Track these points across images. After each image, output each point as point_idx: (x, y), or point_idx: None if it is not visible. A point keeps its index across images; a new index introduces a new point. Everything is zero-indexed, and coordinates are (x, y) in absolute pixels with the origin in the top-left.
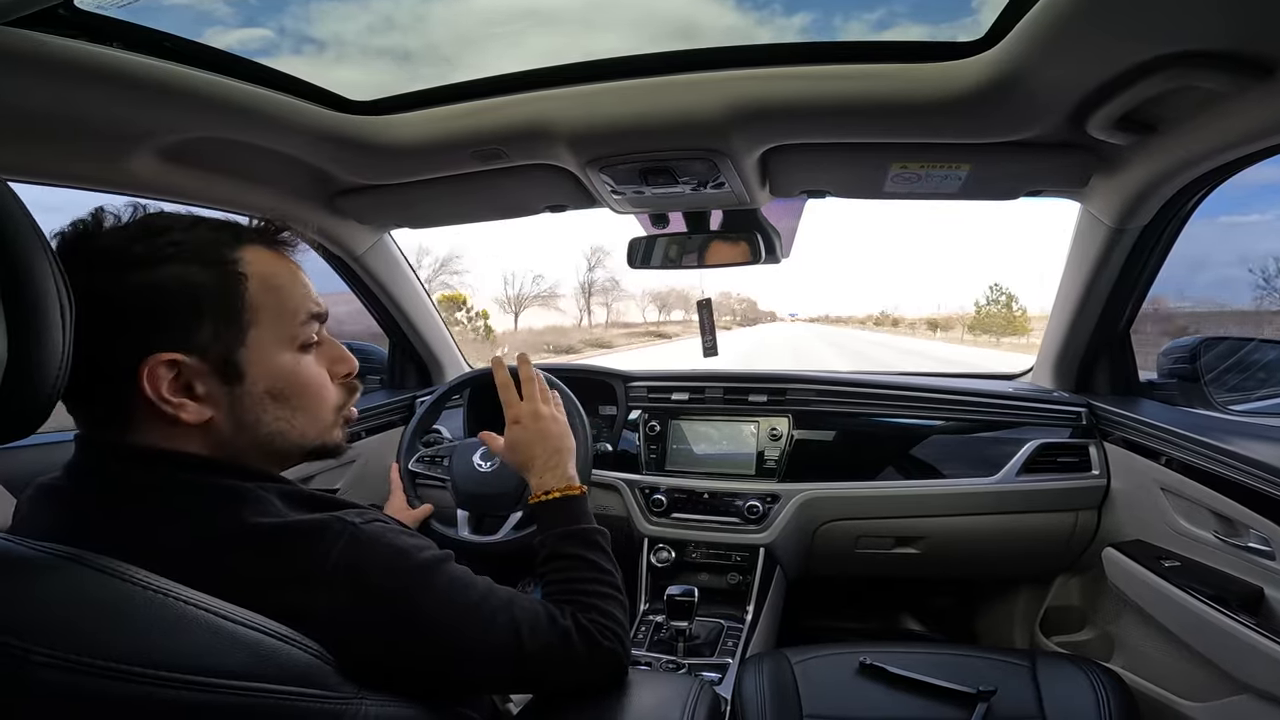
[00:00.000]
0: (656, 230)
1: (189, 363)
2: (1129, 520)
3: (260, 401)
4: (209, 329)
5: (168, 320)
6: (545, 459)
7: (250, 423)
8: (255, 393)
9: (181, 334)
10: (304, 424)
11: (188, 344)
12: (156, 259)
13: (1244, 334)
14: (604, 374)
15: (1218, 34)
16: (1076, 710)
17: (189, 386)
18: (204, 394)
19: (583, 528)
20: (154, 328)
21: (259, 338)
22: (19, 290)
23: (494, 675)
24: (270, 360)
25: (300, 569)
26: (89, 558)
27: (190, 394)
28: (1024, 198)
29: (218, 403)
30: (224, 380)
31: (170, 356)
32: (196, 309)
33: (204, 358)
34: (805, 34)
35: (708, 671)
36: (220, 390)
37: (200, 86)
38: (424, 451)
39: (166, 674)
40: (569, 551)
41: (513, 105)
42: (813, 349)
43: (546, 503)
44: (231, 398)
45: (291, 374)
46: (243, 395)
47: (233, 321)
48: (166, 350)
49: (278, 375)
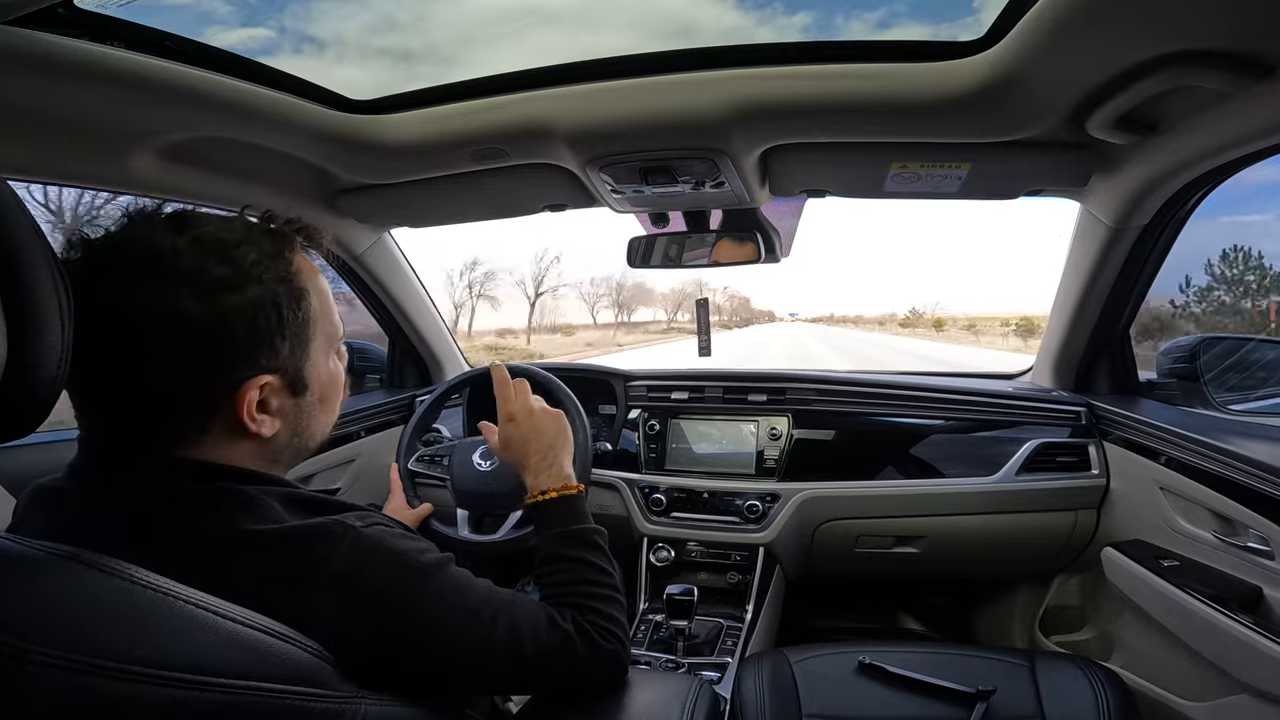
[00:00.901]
0: (656, 230)
1: (273, 382)
2: (1128, 520)
3: (313, 408)
4: (286, 347)
5: (258, 342)
6: (540, 456)
7: (301, 430)
8: (311, 401)
9: (269, 354)
10: (330, 423)
11: (273, 363)
12: (241, 281)
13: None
14: (604, 373)
15: (1217, 34)
16: (1075, 709)
17: (264, 402)
18: (276, 408)
19: (581, 528)
20: (248, 349)
21: (316, 350)
22: (18, 290)
23: (494, 677)
24: (322, 369)
25: (302, 573)
26: (89, 557)
27: (265, 409)
28: (1024, 197)
29: (285, 415)
30: (292, 394)
31: (264, 380)
32: (280, 329)
33: (283, 375)
34: (806, 33)
35: (707, 671)
36: (289, 404)
37: (201, 86)
38: (423, 451)
39: (166, 673)
40: (568, 553)
41: (513, 104)
42: (813, 353)
43: (543, 503)
44: (296, 409)
45: (333, 379)
46: (303, 405)
47: (302, 338)
48: (261, 372)
49: (326, 382)
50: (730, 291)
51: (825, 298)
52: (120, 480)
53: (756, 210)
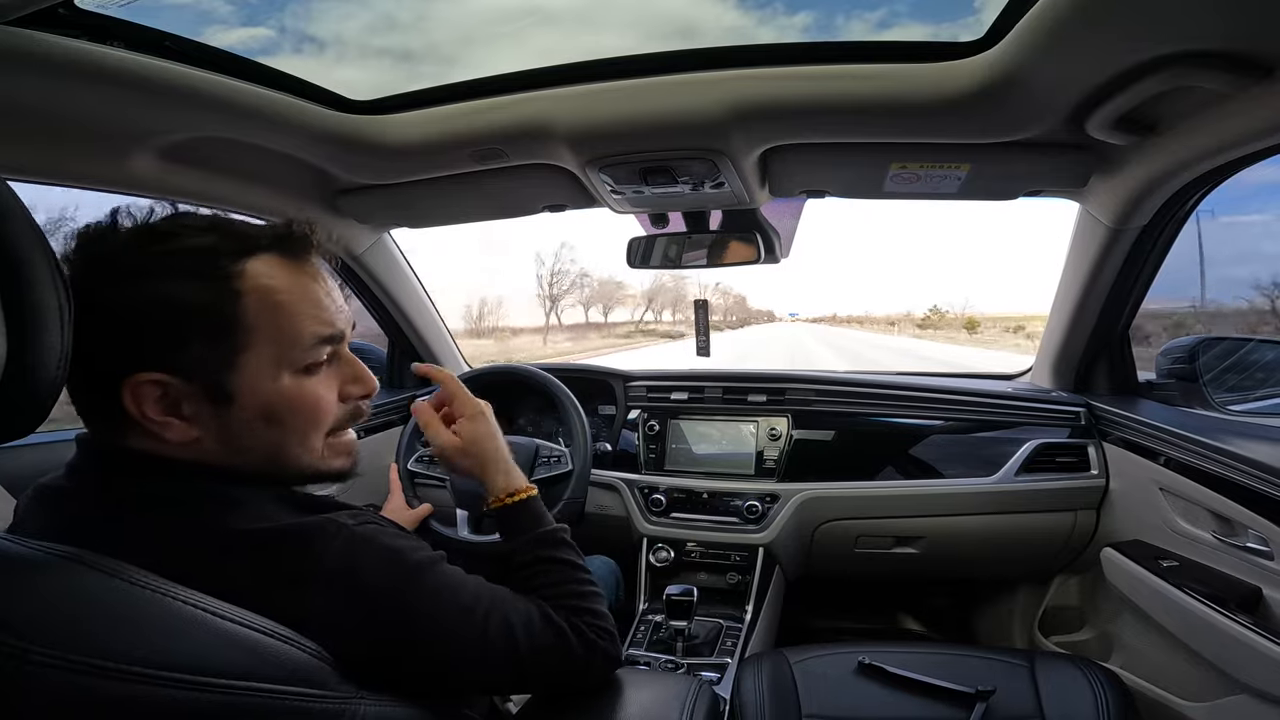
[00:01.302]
0: (656, 230)
1: (174, 383)
2: (1127, 520)
3: (251, 425)
4: (196, 350)
5: (152, 339)
6: (500, 457)
7: (240, 445)
8: (245, 417)
9: (167, 353)
10: (297, 449)
11: (173, 364)
12: (145, 272)
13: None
14: (603, 373)
15: (1217, 34)
16: (1075, 710)
17: (176, 405)
18: (191, 414)
19: (551, 529)
20: (139, 345)
21: (253, 360)
22: (18, 290)
23: (490, 674)
24: (264, 384)
25: (295, 572)
26: (88, 557)
27: (177, 413)
28: (1023, 198)
29: (205, 424)
30: (212, 402)
31: (153, 377)
32: (183, 329)
33: (190, 380)
34: (806, 33)
35: (707, 671)
36: (208, 411)
37: (201, 86)
38: (423, 451)
39: (165, 673)
40: (545, 555)
41: (513, 105)
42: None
43: (512, 506)
44: (219, 420)
45: (289, 398)
46: (231, 419)
47: (221, 344)
48: (151, 369)
49: (272, 399)
50: (722, 288)
51: (829, 296)
52: (112, 477)
53: (756, 211)
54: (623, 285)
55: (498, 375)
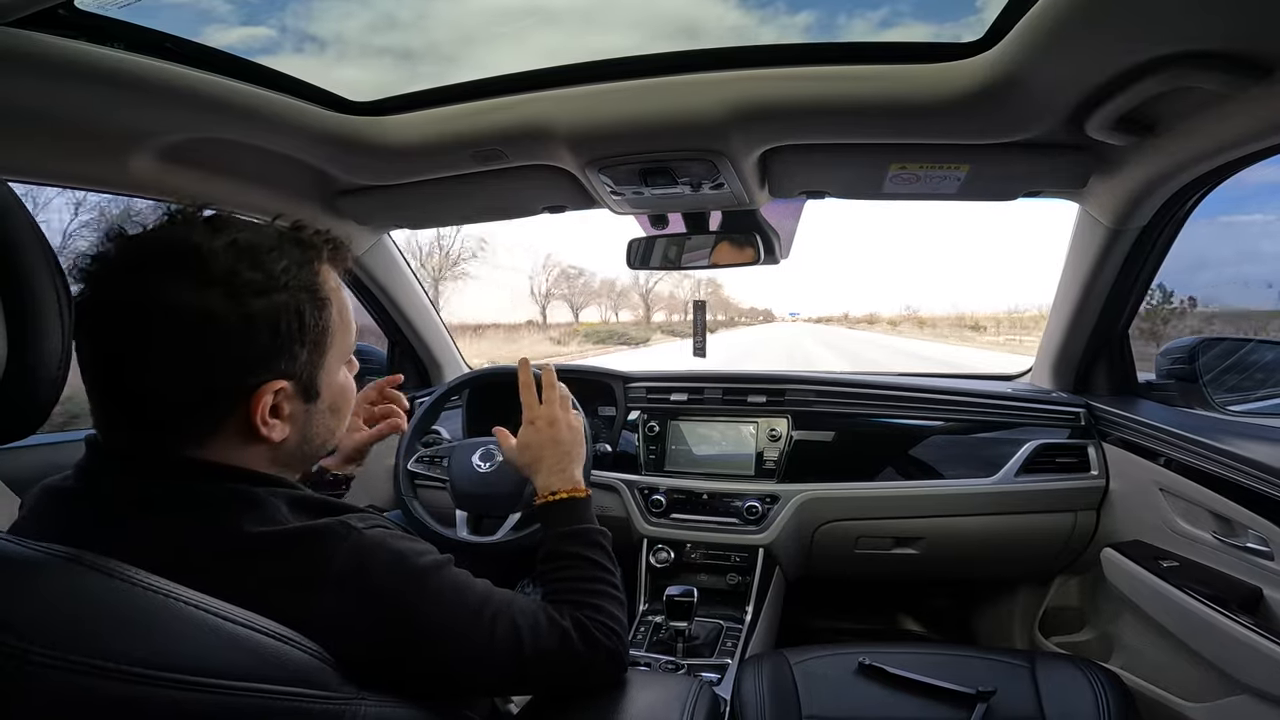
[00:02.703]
0: (656, 231)
1: (286, 388)
2: (1128, 521)
3: (323, 416)
4: (304, 354)
5: (279, 347)
6: (554, 462)
7: (311, 436)
8: (322, 409)
9: (288, 360)
10: (339, 432)
11: (290, 369)
12: (270, 286)
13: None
14: (603, 374)
15: (1216, 34)
16: (1076, 710)
17: (277, 407)
18: (288, 414)
19: (585, 527)
20: (268, 354)
21: (331, 359)
22: (18, 291)
23: (495, 677)
24: (334, 379)
25: (304, 573)
26: (89, 558)
27: (277, 414)
28: (1022, 198)
29: (296, 421)
30: (305, 400)
31: (279, 385)
32: (300, 336)
33: (297, 381)
34: (808, 33)
35: (707, 672)
36: (300, 410)
37: (200, 87)
38: (423, 452)
39: (166, 674)
40: (570, 550)
41: (512, 106)
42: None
43: (552, 503)
44: (306, 416)
45: (345, 389)
46: (314, 413)
47: (319, 347)
48: (277, 377)
49: (338, 392)
50: (713, 284)
51: (832, 295)
52: (131, 481)
53: (756, 212)
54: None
55: (498, 375)
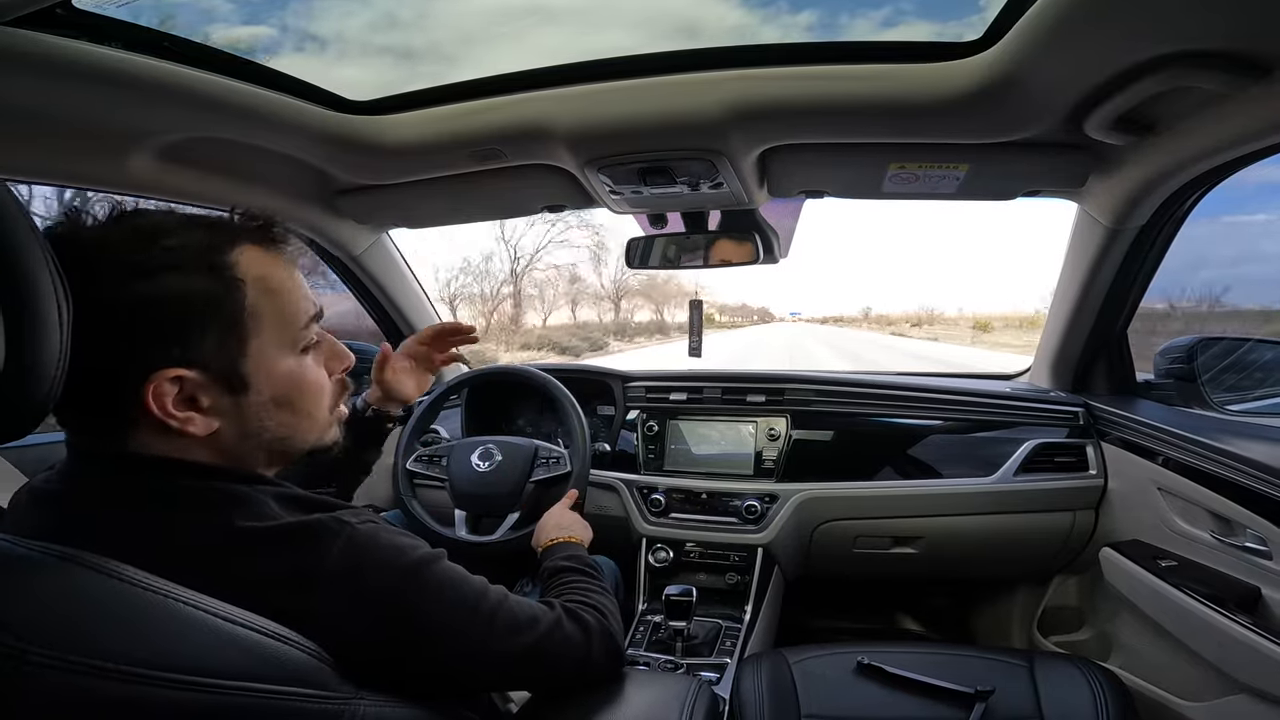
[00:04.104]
0: (655, 230)
1: (192, 377)
2: (1126, 520)
3: (265, 409)
4: (211, 341)
5: (170, 333)
6: (560, 529)
7: (255, 430)
8: (260, 401)
9: (184, 347)
10: (306, 427)
11: (190, 358)
12: (155, 267)
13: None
14: (602, 374)
15: (1215, 34)
16: (1074, 710)
17: (193, 399)
18: (209, 406)
19: (580, 554)
20: (156, 341)
21: (261, 345)
22: (17, 291)
23: (493, 672)
24: (274, 367)
25: (297, 570)
26: (86, 558)
27: (195, 406)
28: (1022, 198)
29: (224, 413)
30: (229, 391)
31: (175, 373)
32: (198, 321)
33: (207, 371)
34: (811, 32)
35: (706, 671)
36: (225, 401)
37: (199, 86)
38: (422, 451)
39: (163, 674)
40: (564, 565)
41: (511, 105)
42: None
43: (551, 546)
44: (237, 408)
45: (295, 379)
46: (248, 404)
47: (232, 332)
48: (170, 365)
49: (282, 381)
50: (697, 281)
51: (846, 292)
52: (118, 480)
53: (755, 211)
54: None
55: (497, 375)
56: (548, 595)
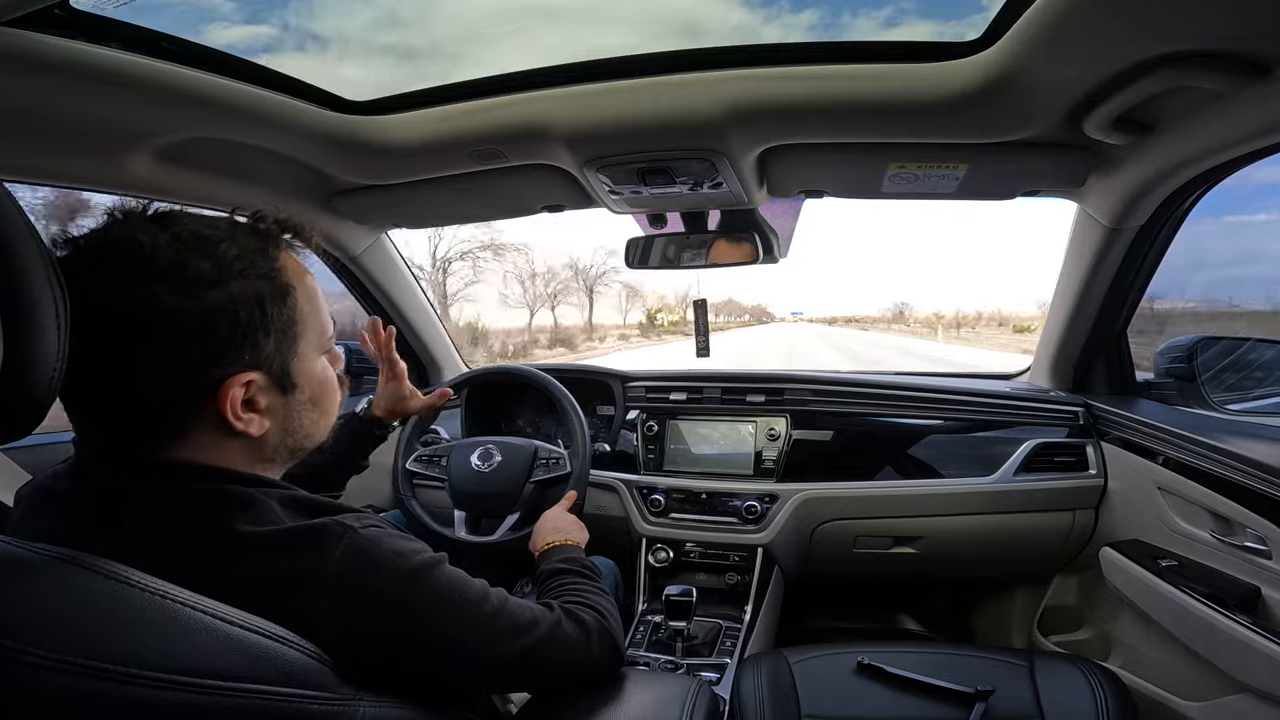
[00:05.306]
0: (654, 230)
1: (257, 380)
2: (1126, 520)
3: (304, 408)
4: (272, 343)
5: (241, 338)
6: (556, 533)
7: (293, 429)
8: (301, 400)
9: (252, 350)
10: (324, 425)
11: (257, 360)
12: (225, 275)
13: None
14: (602, 374)
15: (1215, 34)
16: (1074, 710)
17: (252, 401)
18: (265, 407)
19: (577, 556)
20: (230, 346)
21: (304, 348)
22: (14, 292)
23: (494, 673)
24: (311, 368)
25: (301, 574)
26: (86, 559)
27: (254, 408)
28: (1021, 197)
29: (275, 414)
30: (281, 392)
31: (247, 377)
32: (264, 324)
33: (268, 373)
34: (812, 31)
35: (706, 671)
36: (277, 402)
37: (198, 87)
38: (421, 451)
39: (163, 676)
40: (561, 567)
41: (511, 105)
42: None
43: (548, 550)
44: (285, 408)
45: (324, 379)
46: (293, 404)
47: (288, 334)
48: (243, 369)
49: (317, 382)
50: (692, 280)
51: (836, 293)
52: (116, 482)
53: (754, 211)
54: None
55: (497, 375)
56: (546, 597)
